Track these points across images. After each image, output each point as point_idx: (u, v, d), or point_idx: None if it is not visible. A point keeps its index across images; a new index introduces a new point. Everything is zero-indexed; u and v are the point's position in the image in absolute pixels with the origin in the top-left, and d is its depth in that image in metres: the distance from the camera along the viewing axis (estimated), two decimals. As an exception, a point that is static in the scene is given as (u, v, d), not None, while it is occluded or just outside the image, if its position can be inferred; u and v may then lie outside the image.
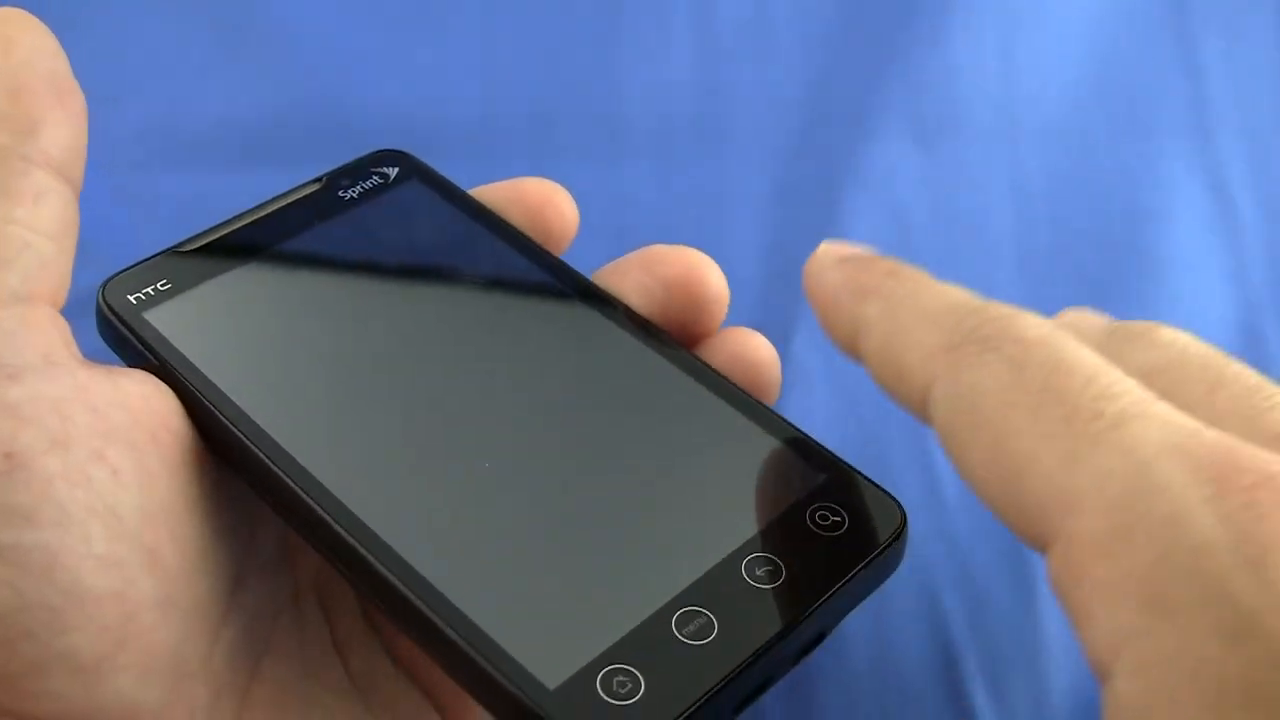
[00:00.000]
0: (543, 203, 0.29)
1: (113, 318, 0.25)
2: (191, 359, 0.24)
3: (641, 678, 0.20)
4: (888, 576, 0.23)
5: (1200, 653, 0.16)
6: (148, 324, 0.25)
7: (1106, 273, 0.42)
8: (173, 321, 0.25)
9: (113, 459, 0.22)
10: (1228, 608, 0.16)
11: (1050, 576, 0.18)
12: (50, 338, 0.22)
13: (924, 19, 0.46)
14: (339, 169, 0.29)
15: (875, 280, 0.22)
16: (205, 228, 0.27)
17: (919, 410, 0.21)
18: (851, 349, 0.23)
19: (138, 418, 0.23)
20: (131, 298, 0.25)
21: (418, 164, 0.30)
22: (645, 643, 0.21)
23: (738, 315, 0.39)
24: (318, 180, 0.29)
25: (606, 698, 0.20)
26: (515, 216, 0.28)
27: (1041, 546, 0.18)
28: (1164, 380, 0.20)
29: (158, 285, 0.26)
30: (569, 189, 0.30)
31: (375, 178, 0.29)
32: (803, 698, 0.33)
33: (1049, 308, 0.42)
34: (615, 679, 0.20)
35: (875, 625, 0.33)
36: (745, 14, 0.46)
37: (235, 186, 0.29)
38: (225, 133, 0.41)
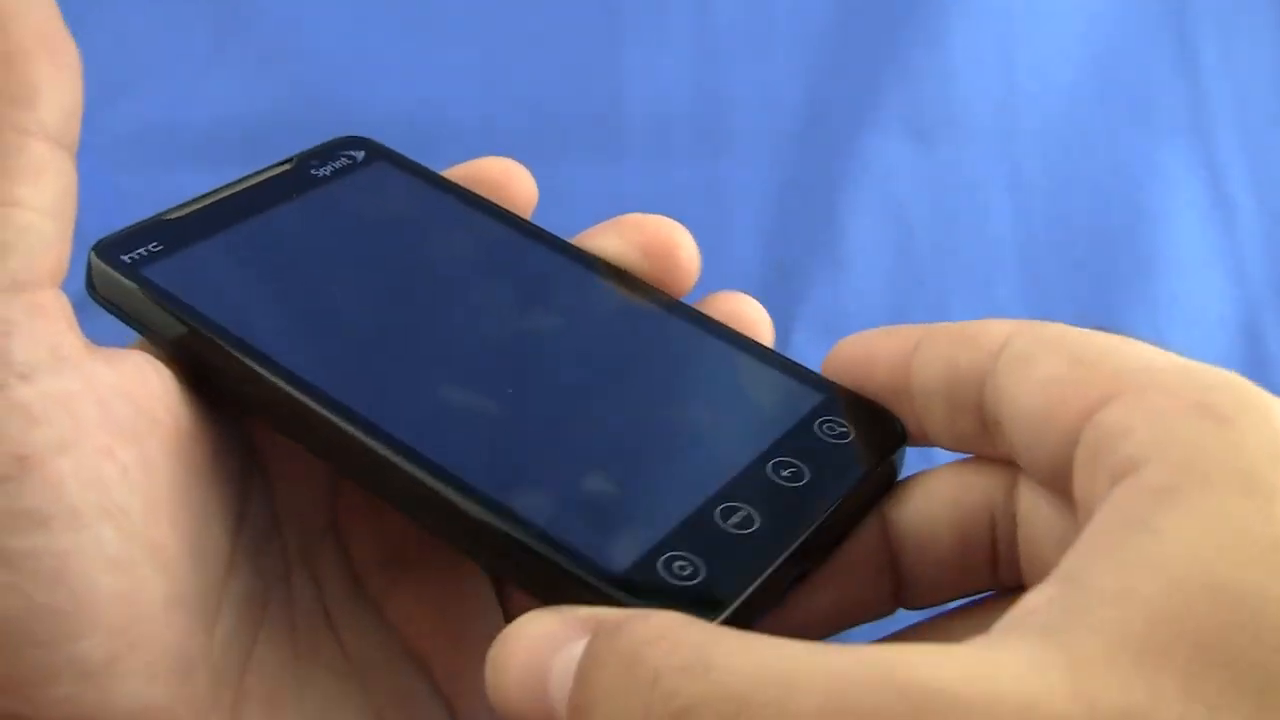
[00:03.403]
0: (504, 180, 0.29)
1: (110, 271, 0.25)
2: (198, 307, 0.25)
3: (699, 562, 0.21)
4: (894, 481, 0.24)
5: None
6: (145, 279, 0.25)
7: (1105, 271, 0.43)
8: (169, 276, 0.25)
9: (121, 455, 0.21)
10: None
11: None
12: (57, 325, 0.22)
13: (922, 18, 0.46)
14: (306, 151, 0.30)
15: None
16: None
17: None
18: None
19: (140, 405, 0.22)
20: (125, 257, 0.26)
21: (382, 147, 0.31)
22: (696, 532, 0.22)
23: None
24: (287, 161, 0.30)
25: (670, 579, 0.21)
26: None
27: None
28: None
29: (149, 247, 0.26)
30: (569, 188, 0.30)
31: (344, 159, 0.30)
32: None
33: (1048, 306, 0.42)
34: (675, 563, 0.21)
35: (875, 629, 0.33)
36: (744, 14, 0.46)
37: (234, 185, 0.29)
38: (224, 132, 0.41)
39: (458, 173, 0.30)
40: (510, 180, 0.29)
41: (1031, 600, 0.17)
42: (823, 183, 0.43)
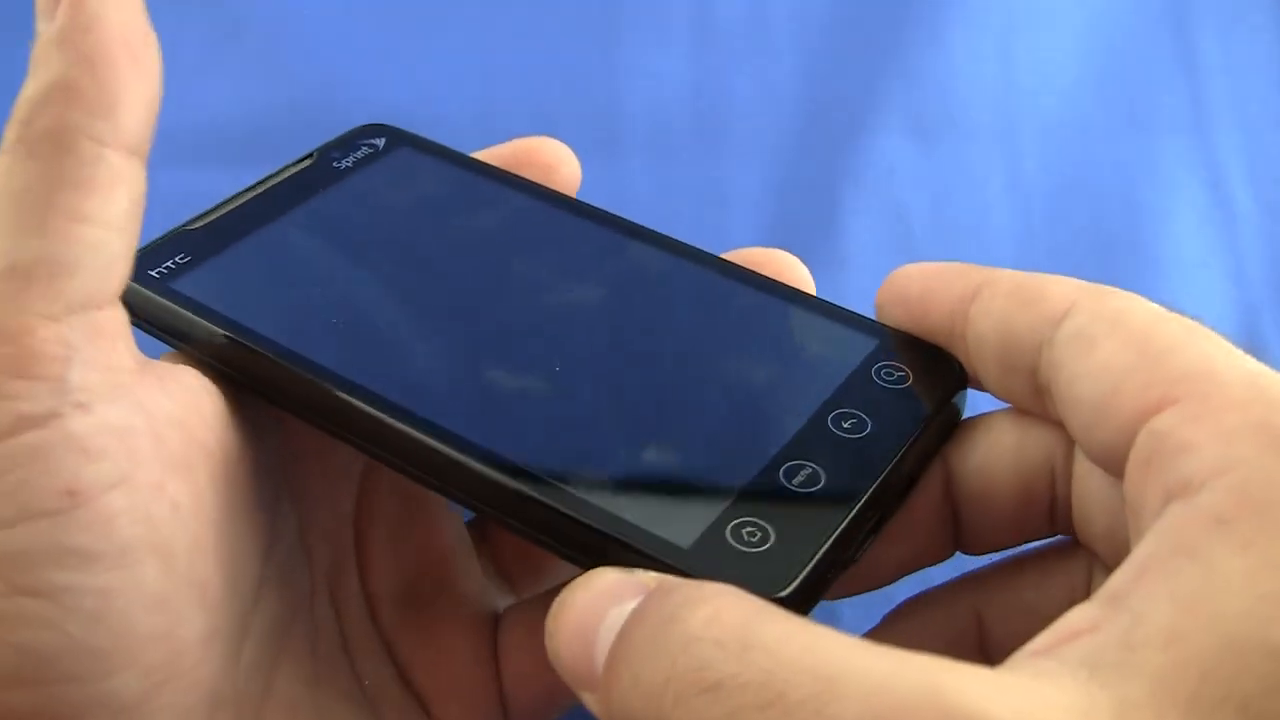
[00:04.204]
0: (555, 163, 0.29)
1: (140, 289, 0.25)
2: (236, 317, 0.24)
3: (768, 526, 0.21)
4: (957, 424, 0.24)
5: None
6: (177, 293, 0.25)
7: (1105, 270, 0.42)
8: (201, 287, 0.25)
9: (172, 490, 0.21)
10: None
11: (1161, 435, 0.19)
12: (114, 347, 0.21)
13: (922, 17, 0.46)
14: (327, 144, 0.30)
15: None
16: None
17: None
18: None
19: (193, 434, 0.22)
20: (154, 273, 0.25)
21: (403, 132, 0.30)
22: (761, 496, 0.21)
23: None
24: (308, 156, 0.29)
25: (740, 547, 0.20)
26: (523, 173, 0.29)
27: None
28: None
29: (177, 259, 0.26)
30: (569, 187, 0.30)
31: (365, 148, 0.30)
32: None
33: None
34: (744, 530, 0.21)
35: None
36: (744, 12, 0.46)
37: (233, 185, 0.28)
38: (223, 131, 0.41)
39: (502, 151, 0.30)
40: (561, 163, 0.29)
41: (1077, 620, 0.17)
42: (823, 182, 0.43)
